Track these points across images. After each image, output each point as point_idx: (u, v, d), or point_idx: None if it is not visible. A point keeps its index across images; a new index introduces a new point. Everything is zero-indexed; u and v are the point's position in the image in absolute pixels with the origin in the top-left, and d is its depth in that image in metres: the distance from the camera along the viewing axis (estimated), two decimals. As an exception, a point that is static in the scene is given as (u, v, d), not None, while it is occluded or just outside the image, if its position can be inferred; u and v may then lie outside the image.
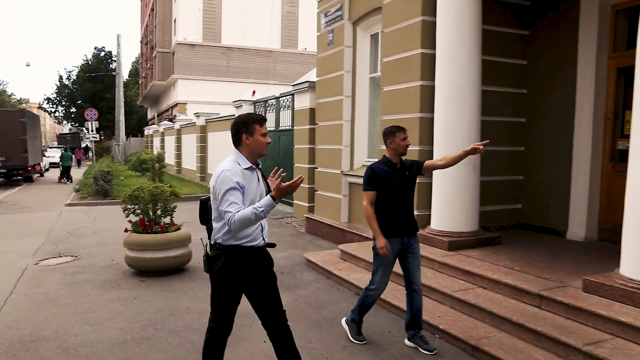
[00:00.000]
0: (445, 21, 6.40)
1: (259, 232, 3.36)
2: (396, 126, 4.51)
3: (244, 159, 3.32)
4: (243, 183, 3.22)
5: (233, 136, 3.36)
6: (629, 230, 4.42)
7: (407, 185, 4.48)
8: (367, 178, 4.46)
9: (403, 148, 4.44)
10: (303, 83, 10.95)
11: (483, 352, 4.24)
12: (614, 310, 4.14)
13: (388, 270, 4.51)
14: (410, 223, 4.52)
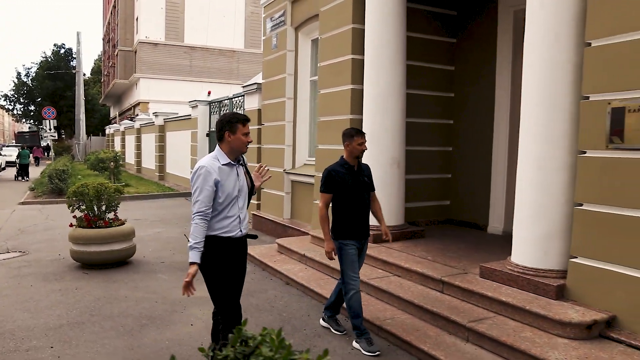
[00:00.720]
0: (372, 29, 6.88)
1: (237, 224, 3.57)
2: (355, 129, 4.62)
3: (223, 156, 3.53)
4: (219, 179, 3.44)
5: (217, 133, 3.58)
6: (517, 222, 4.96)
7: (363, 188, 4.59)
8: (324, 180, 4.53)
9: (359, 152, 4.53)
10: (252, 85, 11.33)
11: (386, 331, 4.72)
12: (500, 292, 4.68)
13: (355, 267, 4.56)
14: (366, 226, 4.62)
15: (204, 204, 3.41)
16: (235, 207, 3.57)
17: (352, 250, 4.51)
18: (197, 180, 3.44)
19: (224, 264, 3.56)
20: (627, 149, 4.05)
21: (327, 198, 4.53)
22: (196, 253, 3.39)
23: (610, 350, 3.83)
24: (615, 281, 4.13)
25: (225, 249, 3.54)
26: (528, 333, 4.14)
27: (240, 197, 3.60)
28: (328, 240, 4.50)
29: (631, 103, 3.99)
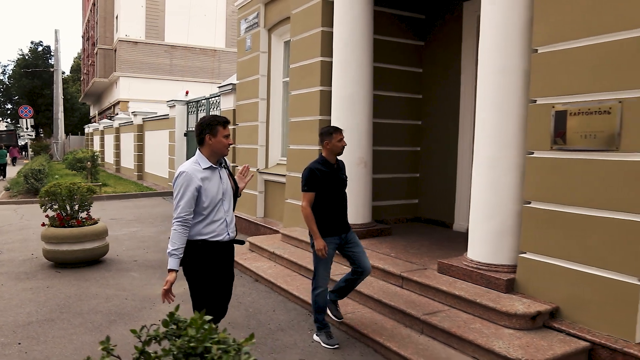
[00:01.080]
0: (340, 32, 7.07)
1: (224, 227, 3.56)
2: (333, 127, 4.64)
3: (204, 159, 3.50)
4: (200, 184, 3.42)
5: (197, 136, 3.52)
6: (472, 219, 5.19)
7: (342, 185, 4.69)
8: (305, 179, 4.50)
9: (340, 149, 4.56)
10: (227, 85, 11.46)
11: (346, 324, 4.92)
12: (454, 286, 4.90)
13: (328, 266, 4.61)
14: (346, 222, 4.70)
15: (184, 210, 3.40)
16: (221, 210, 3.54)
17: (330, 250, 4.55)
18: (178, 185, 3.43)
19: (211, 269, 3.54)
20: (568, 150, 4.29)
21: (311, 197, 4.51)
22: (175, 260, 3.39)
23: (550, 338, 4.07)
24: (559, 274, 4.37)
25: (213, 254, 3.52)
26: (478, 324, 4.37)
27: (225, 200, 3.57)
28: (318, 238, 4.47)
29: (572, 107, 4.23)
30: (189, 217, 3.42)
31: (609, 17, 3.97)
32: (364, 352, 4.53)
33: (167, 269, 3.40)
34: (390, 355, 4.33)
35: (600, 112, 4.04)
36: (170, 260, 3.40)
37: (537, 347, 3.92)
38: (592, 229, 4.13)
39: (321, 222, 4.52)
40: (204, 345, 1.50)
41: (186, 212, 3.40)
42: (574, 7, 4.22)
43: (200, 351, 1.52)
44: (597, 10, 4.06)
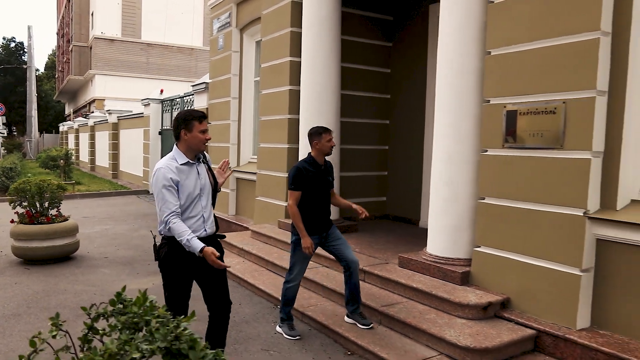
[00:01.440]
0: (308, 33, 7.22)
1: (201, 223, 3.49)
2: (322, 127, 4.64)
3: (181, 155, 3.42)
4: (177, 179, 3.36)
5: (174, 132, 3.47)
6: (431, 215, 5.38)
7: (327, 186, 4.70)
8: (292, 178, 4.54)
9: (328, 149, 4.57)
10: (201, 84, 11.54)
11: (308, 316, 5.08)
12: (412, 279, 5.09)
13: (305, 263, 4.72)
14: (328, 221, 4.76)
15: (172, 204, 3.34)
16: (198, 206, 3.48)
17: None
18: (157, 183, 3.37)
19: (184, 266, 3.46)
20: (518, 148, 4.51)
21: (297, 195, 4.54)
22: (195, 241, 3.28)
23: (499, 327, 4.28)
24: (510, 267, 4.59)
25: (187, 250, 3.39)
26: (433, 315, 4.56)
27: (202, 196, 3.50)
28: (305, 236, 4.51)
29: (522, 107, 4.45)
30: (178, 209, 3.36)
31: (554, 23, 4.20)
32: (324, 343, 4.69)
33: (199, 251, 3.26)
34: (349, 345, 4.50)
35: (546, 112, 4.27)
36: (194, 243, 3.27)
37: (486, 335, 4.13)
38: (538, 223, 4.35)
39: (304, 221, 4.55)
40: (145, 319, 1.64)
41: (174, 205, 3.34)
42: (523, 13, 4.44)
43: (141, 325, 1.65)
44: (543, 16, 4.28)
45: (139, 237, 9.71)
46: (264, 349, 4.56)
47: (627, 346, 3.81)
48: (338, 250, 4.72)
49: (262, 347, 4.57)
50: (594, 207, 4.07)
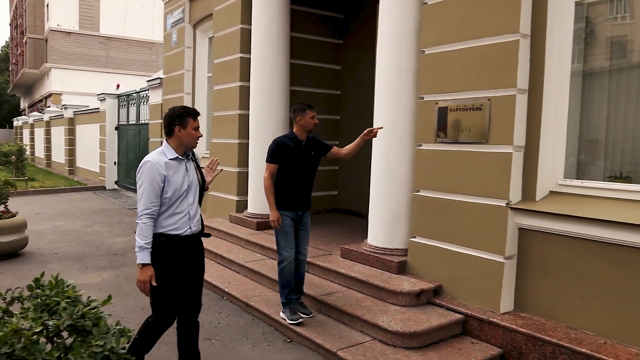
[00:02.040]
0: (257, 30, 7.34)
1: (186, 221, 3.38)
2: (306, 104, 4.66)
3: (171, 150, 3.35)
4: (165, 173, 3.27)
5: (165, 127, 3.37)
6: (371, 207, 5.59)
7: (309, 163, 4.65)
8: (271, 151, 4.57)
9: (312, 125, 4.59)
10: (155, 79, 11.51)
11: (251, 307, 5.23)
12: (352, 269, 5.29)
13: (289, 239, 4.62)
14: (306, 199, 4.70)
15: (151, 201, 3.25)
16: (185, 202, 3.39)
17: (287, 221, 4.59)
18: (142, 176, 3.27)
19: (170, 265, 3.36)
20: (448, 143, 4.75)
21: (273, 168, 4.57)
22: (147, 254, 3.22)
23: (430, 313, 4.52)
24: (442, 256, 4.84)
25: (172, 248, 3.34)
26: (369, 302, 4.77)
27: (190, 193, 3.43)
28: (273, 210, 4.53)
29: (452, 104, 4.70)
30: (156, 209, 3.28)
31: (479, 25, 4.45)
32: (266, 331, 4.85)
33: (140, 265, 3.20)
34: (289, 332, 4.67)
35: (473, 108, 4.52)
36: (142, 255, 3.20)
37: (416, 320, 4.35)
38: (466, 213, 4.61)
39: (279, 195, 4.58)
40: (55, 300, 1.76)
41: (152, 203, 3.25)
42: (452, 14, 4.68)
43: (53, 306, 1.78)
44: (470, 18, 4.53)
45: (92, 232, 9.66)
46: (206, 338, 4.68)
47: (543, 327, 4.09)
48: (298, 239, 4.72)
49: (204, 337, 4.69)
50: (515, 198, 4.34)
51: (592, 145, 4.47)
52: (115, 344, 1.64)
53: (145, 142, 13.90)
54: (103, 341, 1.60)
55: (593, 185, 4.18)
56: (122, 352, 1.64)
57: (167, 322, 3.51)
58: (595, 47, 4.43)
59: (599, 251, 3.90)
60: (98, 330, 1.64)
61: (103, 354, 1.58)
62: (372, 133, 4.51)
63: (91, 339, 1.63)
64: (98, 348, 1.57)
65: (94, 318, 1.70)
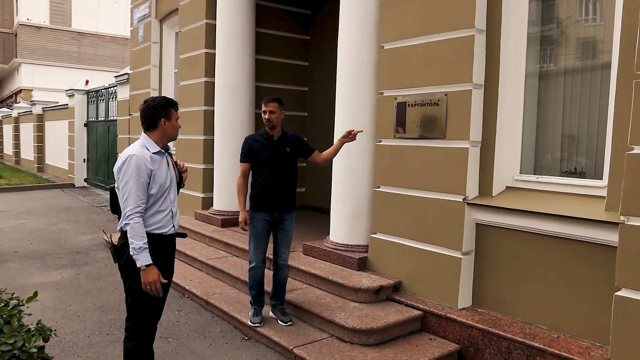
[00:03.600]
0: (222, 25, 7.25)
1: (169, 219, 3.20)
2: (267, 98, 4.43)
3: (152, 144, 3.14)
4: (152, 167, 3.07)
5: (148, 120, 3.16)
6: (333, 203, 5.56)
7: (283, 160, 4.41)
8: (241, 150, 4.44)
9: (265, 121, 4.36)
10: (123, 75, 11.32)
11: (211, 304, 5.16)
12: (313, 266, 5.26)
13: (260, 243, 4.45)
14: (283, 199, 4.44)
15: (139, 198, 2.99)
16: (167, 199, 3.18)
17: (258, 225, 4.41)
18: (127, 171, 3.00)
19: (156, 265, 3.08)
20: (407, 138, 4.75)
21: (244, 167, 4.44)
22: (147, 253, 2.97)
23: (389, 309, 4.50)
24: (402, 252, 4.83)
25: (156, 248, 3.09)
26: (328, 299, 4.74)
27: (171, 189, 3.23)
28: (241, 211, 4.41)
29: (410, 99, 4.69)
30: (144, 206, 3.04)
31: (435, 20, 4.45)
32: (224, 329, 4.79)
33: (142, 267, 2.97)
34: (247, 330, 4.62)
35: (431, 103, 4.51)
36: (143, 256, 2.96)
37: (374, 317, 4.33)
38: (425, 209, 4.61)
39: (253, 195, 4.42)
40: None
41: (142, 200, 3.01)
42: (410, 9, 4.67)
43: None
44: (427, 13, 4.52)
45: (56, 230, 9.46)
46: (163, 336, 4.60)
47: (499, 322, 4.11)
48: (277, 242, 4.56)
49: (161, 335, 4.60)
50: (472, 194, 4.34)
51: (549, 141, 4.50)
52: (27, 342, 1.57)
53: (114, 138, 13.67)
54: (13, 339, 1.53)
55: (548, 180, 4.21)
56: (34, 352, 1.57)
57: (151, 331, 3.25)
58: (551, 45, 4.45)
59: (553, 246, 3.93)
60: (9, 328, 1.57)
61: (12, 353, 1.51)
62: (350, 135, 4.24)
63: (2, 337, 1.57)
64: (6, 347, 1.50)
65: (7, 316, 1.62)
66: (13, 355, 1.49)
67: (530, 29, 4.32)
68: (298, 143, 4.54)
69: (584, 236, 3.74)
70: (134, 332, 3.17)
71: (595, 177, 4.02)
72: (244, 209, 4.44)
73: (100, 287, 6.03)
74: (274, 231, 4.54)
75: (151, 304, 3.14)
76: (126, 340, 3.19)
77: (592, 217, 3.65)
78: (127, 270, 3.11)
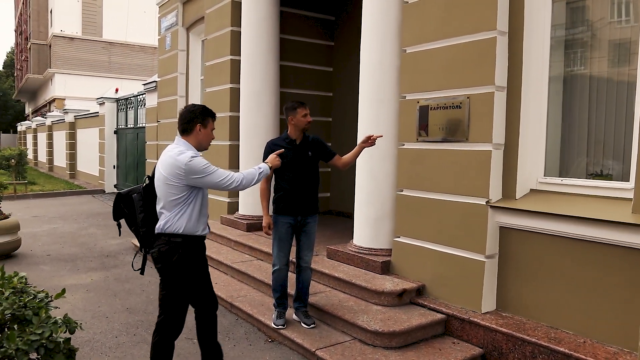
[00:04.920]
0: (247, 32, 7.36)
1: (206, 220, 3.37)
2: (297, 102, 4.46)
3: (192, 148, 3.26)
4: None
5: (185, 124, 3.26)
6: (356, 207, 5.58)
7: (305, 164, 4.43)
8: (263, 154, 4.41)
9: (304, 124, 4.39)
10: (151, 82, 11.55)
11: (236, 307, 5.22)
12: (336, 270, 5.28)
13: (283, 246, 4.49)
14: (307, 203, 4.46)
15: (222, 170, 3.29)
16: (206, 203, 3.38)
17: (282, 228, 4.46)
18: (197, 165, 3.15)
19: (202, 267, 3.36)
20: (430, 141, 4.74)
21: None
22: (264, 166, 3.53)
23: (411, 313, 4.50)
24: (425, 255, 4.82)
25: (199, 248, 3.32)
26: (351, 302, 4.76)
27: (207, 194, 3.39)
28: (265, 215, 4.46)
29: (432, 102, 4.69)
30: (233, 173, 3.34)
31: (457, 23, 4.44)
32: (248, 331, 4.85)
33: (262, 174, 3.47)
34: (270, 332, 4.66)
35: (453, 106, 4.50)
36: (265, 168, 3.51)
37: (396, 320, 4.33)
38: (448, 212, 4.59)
39: (277, 199, 4.46)
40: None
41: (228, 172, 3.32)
42: (431, 12, 4.68)
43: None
44: (448, 16, 4.52)
45: (87, 235, 9.69)
46: (188, 337, 4.66)
47: (523, 326, 4.07)
48: (300, 245, 4.59)
49: (186, 336, 4.67)
50: (495, 197, 4.31)
51: (574, 143, 4.45)
52: (54, 333, 1.64)
53: (142, 145, 13.94)
54: (41, 330, 1.60)
55: (574, 182, 4.16)
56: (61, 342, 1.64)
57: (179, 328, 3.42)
58: (575, 47, 4.41)
59: (578, 249, 3.87)
60: (38, 319, 1.64)
61: (40, 343, 1.57)
62: (370, 140, 4.25)
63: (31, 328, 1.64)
64: (35, 336, 1.57)
65: (35, 308, 1.70)
66: (41, 345, 1.56)
67: (554, 31, 4.29)
68: (320, 146, 4.57)
69: (611, 239, 3.68)
70: (162, 327, 3.34)
71: (622, 180, 3.96)
72: (268, 214, 4.50)
73: (128, 289, 6.16)
74: (297, 234, 4.57)
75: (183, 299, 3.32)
76: (154, 335, 3.36)
77: (618, 219, 3.59)
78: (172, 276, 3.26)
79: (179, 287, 3.28)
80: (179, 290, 3.28)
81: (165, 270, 3.26)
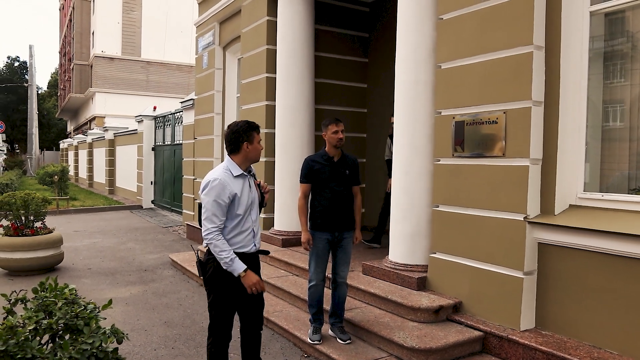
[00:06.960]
0: (282, 50, 7.49)
1: (251, 238, 3.39)
2: (332, 118, 4.54)
3: (236, 167, 3.33)
4: (235, 191, 3.26)
5: (231, 144, 3.35)
6: (392, 223, 5.58)
7: (342, 182, 4.50)
8: (301, 171, 4.52)
9: (335, 140, 4.43)
10: (188, 100, 11.82)
11: (272, 322, 5.26)
12: (372, 285, 5.27)
13: (320, 261, 4.54)
14: (343, 219, 4.51)
15: (218, 219, 3.24)
16: (249, 219, 3.38)
17: (319, 244, 4.50)
18: (211, 192, 3.24)
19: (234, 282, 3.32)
20: (466, 157, 4.72)
21: (305, 188, 4.52)
22: (239, 261, 3.24)
23: (448, 329, 4.45)
24: (462, 272, 4.77)
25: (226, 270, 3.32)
26: (387, 318, 4.74)
27: (253, 210, 3.41)
28: (304, 231, 4.48)
29: (468, 117, 4.68)
30: (222, 226, 3.27)
31: (493, 38, 4.44)
32: (284, 346, 4.87)
33: (240, 275, 3.26)
34: (307, 347, 4.67)
35: (489, 122, 4.49)
36: (237, 264, 3.23)
37: (433, 336, 4.30)
38: (485, 228, 4.55)
39: (313, 216, 4.50)
40: (52, 301, 1.85)
41: (220, 222, 3.25)
42: (467, 28, 4.69)
43: (51, 308, 1.86)
44: (483, 31, 4.52)
45: (126, 249, 9.92)
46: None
47: (564, 345, 3.98)
48: (336, 261, 4.63)
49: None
50: (533, 212, 4.26)
51: (615, 158, 4.37)
52: (104, 342, 1.70)
53: (179, 162, 14.23)
54: (92, 339, 1.67)
55: (615, 198, 4.07)
56: (110, 351, 1.70)
57: (226, 336, 3.48)
58: (615, 60, 4.35)
59: (622, 266, 3.78)
60: (89, 329, 1.71)
61: (91, 352, 1.64)
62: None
63: (82, 337, 1.71)
64: (86, 345, 1.64)
65: (86, 318, 1.77)
66: (92, 354, 1.63)
67: (592, 43, 4.24)
68: (354, 170, 4.65)
69: (655, 256, 3.59)
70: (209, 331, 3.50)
71: (665, 195, 3.87)
72: (306, 229, 4.53)
73: (165, 303, 6.27)
74: (334, 250, 4.61)
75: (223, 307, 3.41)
76: (209, 346, 3.51)
77: (662, 236, 3.51)
78: (210, 285, 3.42)
79: (214, 298, 3.42)
80: (215, 300, 3.42)
81: (205, 280, 3.45)
